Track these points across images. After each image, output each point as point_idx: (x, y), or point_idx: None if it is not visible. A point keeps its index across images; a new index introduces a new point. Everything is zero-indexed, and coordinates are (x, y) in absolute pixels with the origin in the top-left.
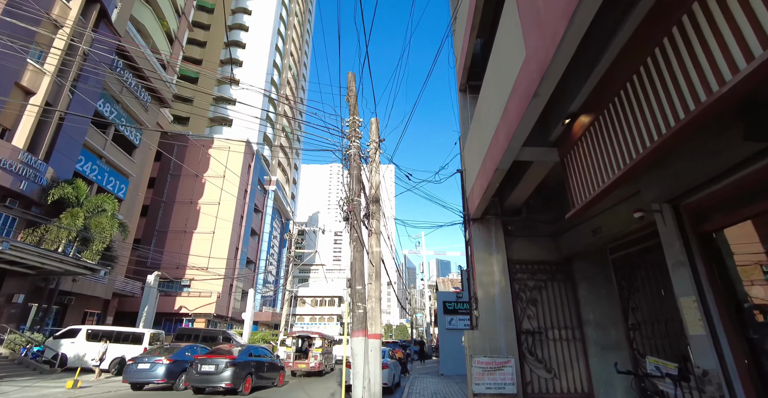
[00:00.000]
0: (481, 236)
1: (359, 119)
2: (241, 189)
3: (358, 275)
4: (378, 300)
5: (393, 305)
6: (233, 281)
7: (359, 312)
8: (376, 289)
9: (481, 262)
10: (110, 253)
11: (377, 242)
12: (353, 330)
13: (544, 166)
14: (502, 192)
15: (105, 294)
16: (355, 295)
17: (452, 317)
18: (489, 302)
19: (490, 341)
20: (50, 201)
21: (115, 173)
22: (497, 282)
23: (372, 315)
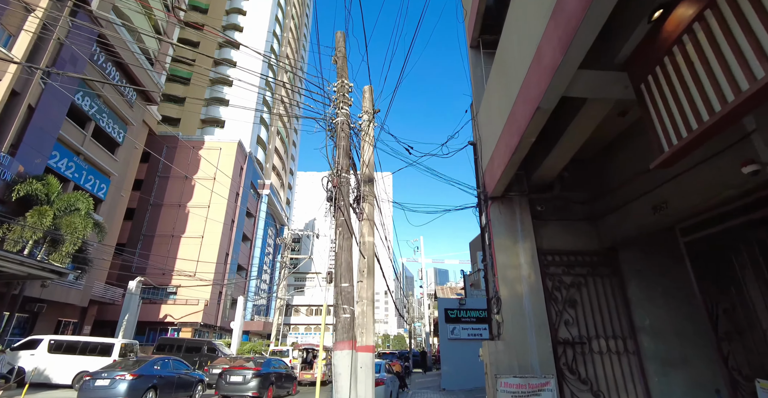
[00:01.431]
0: (503, 219)
1: (349, 83)
2: (232, 192)
3: (345, 270)
4: (371, 302)
5: (391, 314)
6: (222, 288)
7: (344, 316)
8: (368, 288)
9: (504, 252)
10: (83, 255)
11: (370, 231)
12: (337, 340)
13: (601, 106)
14: (528, 164)
15: (81, 301)
16: (340, 295)
17: (455, 326)
18: (515, 303)
19: (519, 355)
20: (15, 198)
21: (95, 171)
22: (525, 278)
23: (363, 320)
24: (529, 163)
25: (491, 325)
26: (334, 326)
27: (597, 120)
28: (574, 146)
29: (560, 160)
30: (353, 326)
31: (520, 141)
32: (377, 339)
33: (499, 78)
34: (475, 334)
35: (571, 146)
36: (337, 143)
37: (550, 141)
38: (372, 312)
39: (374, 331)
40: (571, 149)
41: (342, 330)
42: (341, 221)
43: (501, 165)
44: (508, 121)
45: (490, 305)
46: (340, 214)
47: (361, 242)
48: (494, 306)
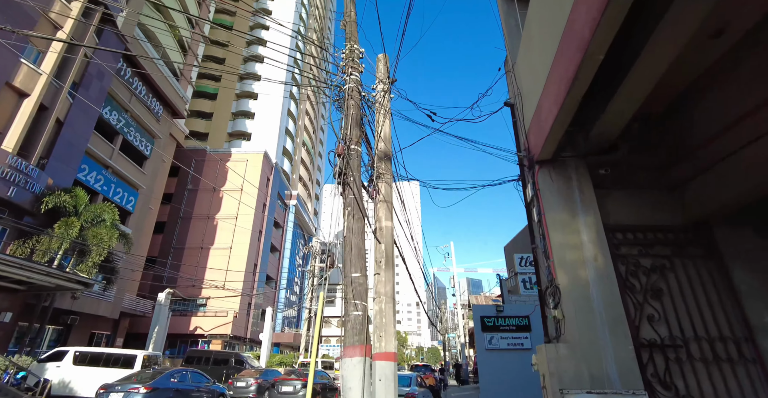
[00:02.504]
0: (556, 187)
1: (359, 48)
2: (259, 203)
3: (355, 257)
4: (390, 299)
5: (424, 326)
6: (251, 299)
7: (355, 314)
8: (386, 282)
9: (560, 229)
10: (110, 265)
11: (388, 215)
12: (346, 345)
13: (689, 16)
14: (585, 118)
15: (111, 313)
16: (349, 287)
17: (492, 335)
18: (580, 293)
19: (590, 361)
20: (44, 210)
21: (123, 184)
22: (590, 261)
23: (382, 321)
24: (586, 118)
25: (546, 323)
26: (343, 326)
27: (679, 44)
28: (644, 86)
29: (626, 107)
30: (367, 326)
31: (581, 63)
32: (411, 351)
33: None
34: (515, 344)
35: (641, 86)
36: (345, 111)
37: (610, 87)
38: (392, 311)
39: (395, 335)
40: (641, 90)
41: (352, 331)
42: (350, 199)
43: (552, 112)
44: (562, 42)
45: (544, 297)
46: (349, 191)
47: (378, 228)
48: (550, 299)
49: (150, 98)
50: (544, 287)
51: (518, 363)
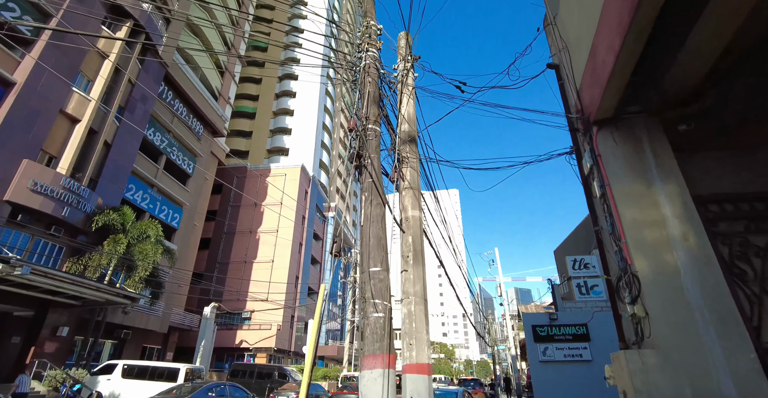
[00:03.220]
0: (622, 152)
1: (377, 25)
2: (298, 215)
3: (374, 248)
4: (422, 300)
5: (471, 338)
6: (294, 311)
7: (375, 315)
8: (416, 281)
9: (632, 202)
10: (156, 279)
11: (414, 203)
12: (365, 355)
13: None
14: (655, 62)
15: (160, 328)
16: (368, 284)
17: (546, 346)
18: (668, 283)
19: (693, 374)
20: (94, 228)
21: (168, 201)
22: (678, 241)
23: (411, 327)
24: (657, 61)
25: (620, 324)
26: (361, 332)
27: None
28: (737, 12)
29: (711, 41)
30: (390, 332)
31: None
32: (459, 364)
33: None
34: (573, 355)
35: (730, 10)
36: (362, 90)
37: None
38: (424, 314)
39: (429, 342)
40: (732, 16)
41: (372, 337)
42: (368, 183)
43: (611, 50)
44: None
45: (617, 290)
46: (366, 175)
47: (404, 218)
48: (625, 292)
49: (191, 119)
50: (614, 278)
51: (577, 376)
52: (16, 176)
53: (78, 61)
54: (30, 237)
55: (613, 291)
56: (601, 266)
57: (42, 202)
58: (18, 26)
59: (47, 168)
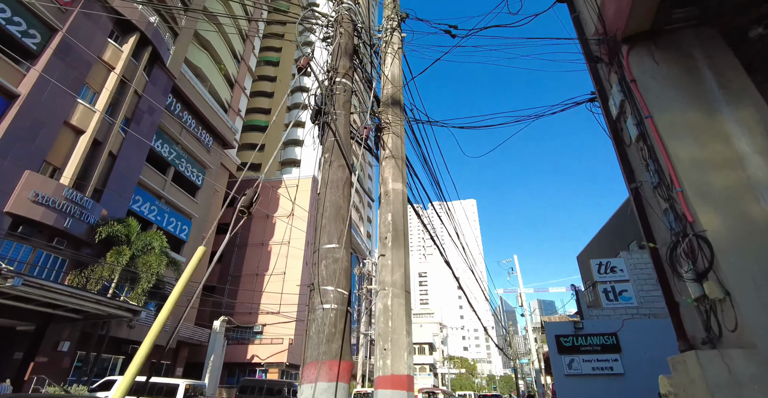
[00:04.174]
0: (667, 73)
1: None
2: (310, 226)
3: (330, 220)
4: (402, 292)
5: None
6: (307, 324)
7: (324, 309)
8: (395, 267)
9: (685, 136)
10: (161, 291)
11: (397, 175)
12: (305, 364)
13: None
14: None
15: (167, 343)
16: (319, 265)
17: (572, 357)
18: (756, 247)
19: None
20: (98, 240)
21: (176, 213)
22: (765, 184)
23: (386, 327)
24: None
25: (678, 313)
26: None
27: None
28: None
29: None
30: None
31: None
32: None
33: None
34: (602, 367)
35: None
36: (334, 40)
37: None
38: (405, 310)
39: (410, 347)
40: None
41: (317, 338)
42: (330, 142)
43: None
44: None
45: (671, 262)
46: (330, 133)
47: (383, 193)
48: (684, 264)
49: (200, 130)
50: (665, 245)
51: (609, 392)
52: (18, 188)
53: (84, 73)
54: (32, 250)
55: (661, 267)
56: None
57: (43, 213)
58: (24, 40)
59: (49, 179)
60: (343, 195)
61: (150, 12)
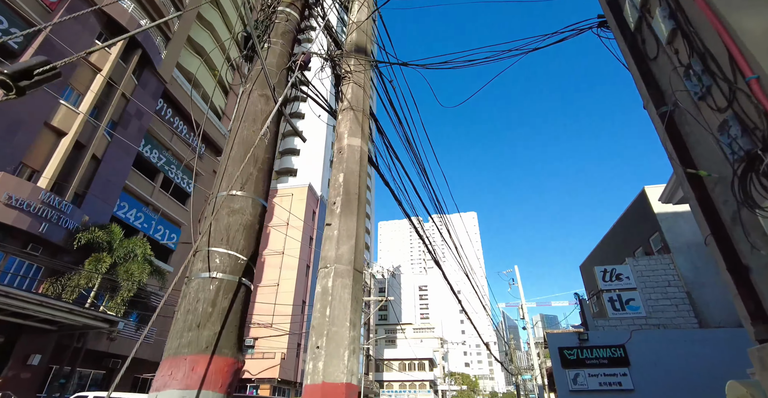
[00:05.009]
0: None
1: None
2: (305, 236)
3: (236, 158)
4: (347, 272)
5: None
6: (301, 339)
7: (203, 278)
8: (342, 239)
9: None
10: (143, 300)
11: (355, 129)
12: (162, 360)
13: None
14: None
15: (152, 356)
16: (209, 219)
17: (577, 372)
18: None
19: None
20: (76, 246)
21: (165, 221)
22: None
23: (323, 316)
24: None
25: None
26: None
27: None
28: None
29: None
30: (228, 310)
31: None
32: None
33: None
34: (610, 383)
35: None
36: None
37: None
38: (351, 295)
39: (357, 346)
40: None
41: (185, 322)
42: (256, 70)
43: None
44: None
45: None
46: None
47: (337, 150)
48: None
49: (192, 137)
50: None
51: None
52: None
53: (68, 74)
54: (3, 256)
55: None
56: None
57: (16, 217)
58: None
59: (25, 181)
60: (256, 132)
61: (141, 15)
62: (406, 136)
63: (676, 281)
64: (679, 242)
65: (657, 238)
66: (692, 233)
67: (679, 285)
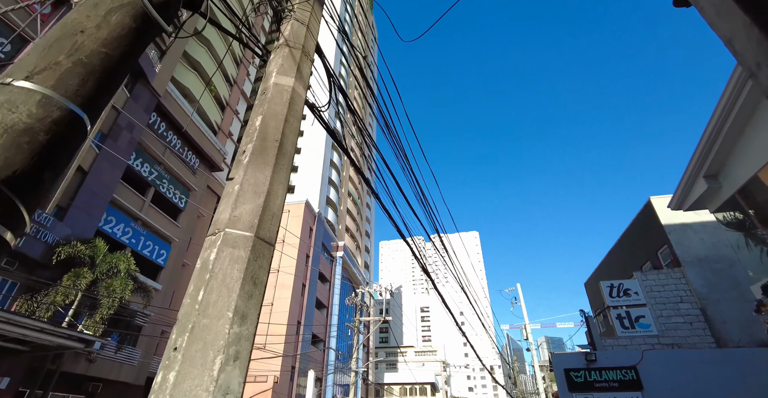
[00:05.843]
0: None
1: None
2: (301, 253)
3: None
4: (248, 241)
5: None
6: (295, 361)
7: None
8: (246, 197)
9: None
10: (125, 318)
11: (289, 67)
12: None
13: None
14: None
15: (135, 379)
16: None
17: (585, 395)
18: None
19: None
20: (56, 261)
21: (154, 237)
22: None
23: (195, 302)
24: None
25: None
26: None
27: None
28: None
29: None
30: None
31: None
32: None
33: None
34: None
35: None
36: None
37: None
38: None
39: (241, 349)
40: None
41: None
42: None
43: None
44: None
45: None
46: None
47: (262, 90)
48: None
49: (185, 151)
50: None
51: None
52: None
53: None
54: None
55: None
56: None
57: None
58: None
59: None
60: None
61: None
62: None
63: (688, 297)
64: (689, 255)
65: (666, 251)
66: (703, 246)
67: (692, 301)
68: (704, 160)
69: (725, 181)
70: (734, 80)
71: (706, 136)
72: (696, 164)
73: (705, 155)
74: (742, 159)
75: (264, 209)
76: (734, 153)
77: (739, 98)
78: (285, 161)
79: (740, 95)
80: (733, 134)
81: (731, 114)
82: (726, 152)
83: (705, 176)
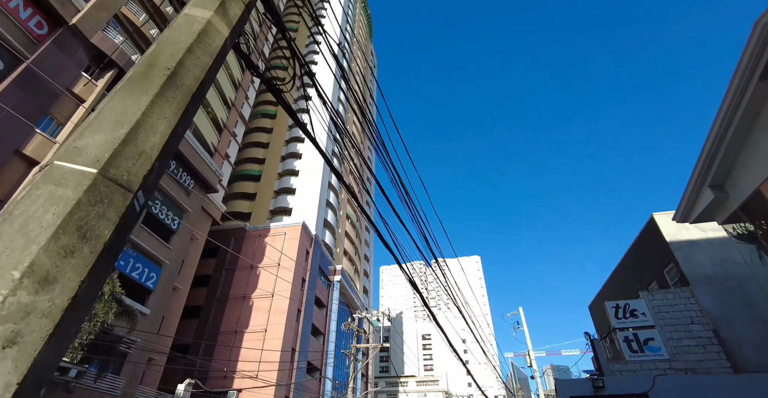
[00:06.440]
0: None
1: None
2: (297, 277)
3: None
4: (93, 176)
5: None
6: (289, 391)
7: None
8: (108, 124)
9: None
10: (106, 343)
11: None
12: None
13: None
14: None
15: None
16: None
17: None
18: None
19: None
20: None
21: (144, 259)
22: None
23: None
24: None
25: None
26: None
27: None
28: None
29: None
30: None
31: None
32: None
33: None
34: None
35: None
36: None
37: None
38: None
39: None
40: None
41: None
42: None
43: None
44: None
45: None
46: None
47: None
48: None
49: (180, 172)
50: None
51: None
52: None
53: (48, 103)
54: None
55: None
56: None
57: None
58: None
59: None
60: None
61: (133, 50)
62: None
63: (699, 318)
64: (697, 273)
65: (672, 270)
66: (711, 264)
67: (703, 322)
68: (709, 168)
69: (732, 190)
70: (737, 79)
71: (709, 142)
72: (700, 172)
73: (709, 162)
74: (749, 166)
75: (125, 142)
76: (740, 160)
77: (742, 101)
78: (179, 94)
79: (744, 97)
80: (737, 140)
81: (734, 118)
82: (731, 158)
83: (711, 185)
